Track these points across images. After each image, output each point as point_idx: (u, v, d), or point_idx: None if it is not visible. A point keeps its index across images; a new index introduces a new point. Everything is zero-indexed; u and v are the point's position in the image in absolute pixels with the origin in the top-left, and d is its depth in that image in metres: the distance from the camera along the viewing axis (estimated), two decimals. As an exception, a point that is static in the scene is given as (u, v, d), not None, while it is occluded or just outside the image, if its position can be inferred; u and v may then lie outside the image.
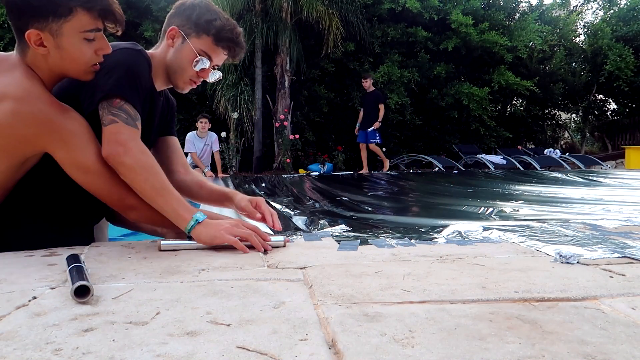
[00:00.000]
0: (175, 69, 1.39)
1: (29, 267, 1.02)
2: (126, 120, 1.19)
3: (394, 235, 1.68)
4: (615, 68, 11.52)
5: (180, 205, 1.23)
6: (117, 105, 1.20)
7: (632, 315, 0.74)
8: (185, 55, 1.37)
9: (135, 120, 1.22)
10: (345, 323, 0.69)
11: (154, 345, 0.61)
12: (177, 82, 1.42)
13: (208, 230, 1.21)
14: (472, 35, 10.44)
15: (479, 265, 1.06)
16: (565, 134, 15.38)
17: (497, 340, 0.63)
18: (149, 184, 1.20)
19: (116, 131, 1.17)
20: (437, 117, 11.66)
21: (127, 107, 1.21)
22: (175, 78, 1.41)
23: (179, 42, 1.37)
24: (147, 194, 1.21)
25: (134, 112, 1.22)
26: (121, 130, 1.18)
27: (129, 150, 1.17)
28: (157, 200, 1.22)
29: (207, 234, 1.21)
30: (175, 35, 1.37)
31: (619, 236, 1.48)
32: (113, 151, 1.17)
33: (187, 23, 1.37)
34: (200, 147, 7.05)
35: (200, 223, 1.21)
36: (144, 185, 1.20)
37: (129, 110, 1.21)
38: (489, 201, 3.90)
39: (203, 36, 1.36)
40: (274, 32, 9.53)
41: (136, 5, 9.44)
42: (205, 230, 1.21)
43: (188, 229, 1.21)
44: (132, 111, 1.21)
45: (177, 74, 1.40)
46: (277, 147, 9.73)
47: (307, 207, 4.13)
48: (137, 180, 1.20)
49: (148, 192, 1.21)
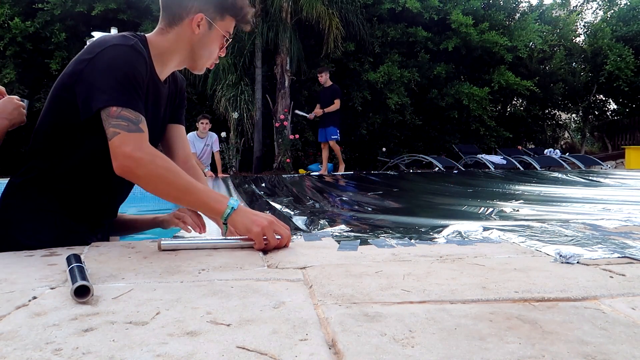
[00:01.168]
0: (202, 54, 1.37)
1: (29, 267, 1.02)
2: (128, 128, 1.14)
3: (394, 235, 1.68)
4: (615, 68, 11.52)
5: (210, 198, 1.22)
6: (115, 114, 1.15)
7: (632, 315, 0.74)
8: (213, 40, 1.35)
9: (138, 123, 1.17)
10: (345, 323, 0.69)
11: (154, 345, 0.61)
12: (201, 65, 1.40)
13: (243, 220, 1.20)
14: (472, 35, 10.45)
15: (479, 265, 1.06)
16: (565, 134, 15.39)
17: (497, 340, 0.63)
18: (172, 188, 1.18)
19: (120, 143, 1.13)
20: (437, 117, 11.66)
21: (125, 112, 1.15)
22: (201, 62, 1.39)
23: (205, 28, 1.33)
24: (173, 198, 1.20)
25: (135, 114, 1.17)
26: (125, 141, 1.13)
27: (139, 161, 1.14)
28: (186, 200, 1.22)
29: (242, 223, 1.20)
30: (200, 23, 1.32)
31: (619, 236, 1.48)
32: (124, 167, 1.14)
33: (210, 7, 1.32)
34: (201, 147, 7.06)
35: (235, 210, 1.20)
36: (168, 191, 1.19)
37: (129, 116, 1.16)
38: (489, 201, 3.90)
39: (227, 18, 1.35)
40: (274, 32, 9.54)
41: (136, 5, 9.46)
42: (240, 219, 1.20)
43: (225, 217, 1.20)
44: (132, 115, 1.16)
45: (204, 58, 1.38)
46: (277, 147, 9.74)
47: (307, 207, 4.13)
48: (160, 189, 1.18)
49: (174, 195, 1.20)
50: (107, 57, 1.19)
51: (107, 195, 1.41)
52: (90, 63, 1.19)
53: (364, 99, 10.53)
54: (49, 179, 1.29)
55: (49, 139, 1.29)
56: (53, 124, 1.28)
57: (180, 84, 1.53)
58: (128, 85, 1.18)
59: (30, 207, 1.28)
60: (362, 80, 10.57)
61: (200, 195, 1.21)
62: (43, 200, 1.29)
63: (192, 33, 1.32)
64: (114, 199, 1.46)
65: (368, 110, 10.82)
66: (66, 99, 1.24)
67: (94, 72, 1.18)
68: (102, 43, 1.23)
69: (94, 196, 1.36)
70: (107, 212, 1.47)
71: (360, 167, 11.24)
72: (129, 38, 1.25)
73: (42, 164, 1.29)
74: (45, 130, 1.29)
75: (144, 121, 1.19)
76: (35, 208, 1.29)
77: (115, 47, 1.21)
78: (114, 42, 1.22)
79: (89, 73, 1.19)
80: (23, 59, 9.25)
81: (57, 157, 1.28)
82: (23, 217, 1.28)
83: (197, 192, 1.20)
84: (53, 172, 1.29)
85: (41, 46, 9.34)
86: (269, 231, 1.20)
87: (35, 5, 9.11)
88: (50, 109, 1.29)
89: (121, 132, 1.14)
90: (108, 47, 1.20)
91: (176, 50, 1.35)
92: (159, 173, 1.16)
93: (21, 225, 1.28)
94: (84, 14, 9.31)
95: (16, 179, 1.31)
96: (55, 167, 1.29)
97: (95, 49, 1.22)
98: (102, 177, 1.32)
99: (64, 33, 9.24)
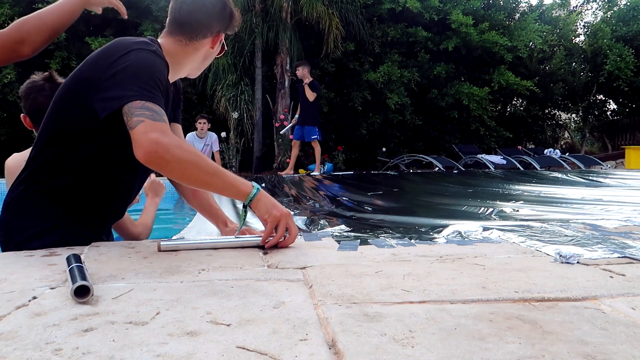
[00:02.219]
0: (206, 64, 1.46)
1: (29, 267, 1.02)
2: (153, 117, 1.12)
3: (394, 235, 1.68)
4: (615, 68, 11.51)
5: (237, 181, 1.23)
6: (139, 105, 1.13)
7: (632, 315, 0.74)
8: (216, 50, 1.44)
9: (163, 115, 1.16)
10: (345, 323, 0.69)
11: (154, 345, 0.61)
12: (199, 72, 1.48)
13: (267, 202, 1.24)
14: (472, 35, 10.44)
15: (479, 265, 1.06)
16: (565, 134, 15.38)
17: (497, 340, 0.63)
18: (202, 171, 1.18)
19: (145, 130, 1.10)
20: (437, 117, 11.66)
21: (149, 104, 1.14)
22: (200, 69, 1.47)
23: (218, 45, 1.44)
24: (202, 182, 1.21)
25: (159, 108, 1.15)
26: (151, 127, 1.10)
27: (167, 146, 1.11)
28: (214, 184, 1.21)
29: (264, 204, 1.23)
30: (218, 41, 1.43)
31: (619, 236, 1.48)
32: (152, 152, 1.10)
33: (224, 26, 1.42)
34: (200, 147, 7.05)
35: (260, 191, 1.23)
36: (197, 175, 1.18)
37: (153, 107, 1.14)
38: (489, 201, 3.90)
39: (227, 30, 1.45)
40: (274, 32, 9.53)
41: (136, 5, 9.44)
42: (264, 200, 1.24)
43: (251, 198, 1.22)
44: (157, 108, 1.14)
45: (204, 65, 1.47)
46: (277, 147, 9.73)
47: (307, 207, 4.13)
48: (189, 173, 1.17)
49: (203, 179, 1.19)
50: (133, 60, 1.18)
51: (113, 198, 1.40)
52: (114, 65, 1.18)
53: (364, 99, 10.52)
54: (53, 185, 1.27)
55: (53, 144, 1.27)
56: (59, 129, 1.27)
57: (178, 83, 1.54)
58: (155, 86, 1.18)
59: (34, 213, 1.27)
60: (362, 80, 10.56)
61: (229, 178, 1.22)
62: (46, 206, 1.27)
63: (210, 49, 1.42)
64: (121, 202, 1.45)
65: (368, 110, 10.81)
66: (76, 104, 1.23)
67: (121, 74, 1.16)
68: (123, 46, 1.22)
69: (99, 200, 1.35)
70: (113, 214, 1.47)
71: (360, 167, 11.23)
72: (150, 44, 1.27)
73: (44, 170, 1.27)
74: (50, 137, 1.27)
75: (166, 116, 1.18)
76: (39, 213, 1.27)
77: (140, 52, 1.21)
78: (138, 47, 1.22)
79: (114, 76, 1.17)
80: (23, 59, 9.26)
81: (60, 162, 1.27)
82: (27, 224, 1.27)
83: (225, 175, 1.22)
84: (57, 178, 1.27)
85: (41, 46, 9.34)
86: (285, 221, 1.23)
87: (35, 5, 9.10)
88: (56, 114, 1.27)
89: (145, 120, 1.11)
90: (133, 52, 1.20)
91: (191, 62, 1.42)
92: (189, 157, 1.15)
93: (25, 231, 1.26)
94: (84, 14, 9.23)
95: (18, 185, 1.29)
96: (59, 173, 1.27)
97: (116, 52, 1.21)
98: (107, 180, 1.32)
99: (64, 33, 9.24)
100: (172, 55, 1.34)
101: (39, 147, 1.29)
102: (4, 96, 8.92)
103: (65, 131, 1.26)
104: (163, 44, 1.35)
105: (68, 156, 1.26)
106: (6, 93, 8.89)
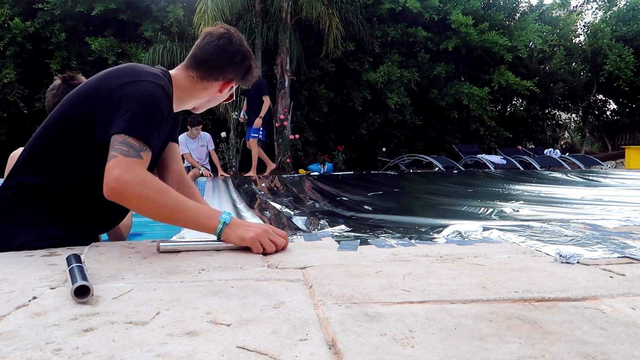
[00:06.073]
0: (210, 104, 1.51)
1: (29, 267, 1.02)
2: (126, 153, 1.14)
3: (394, 235, 1.68)
4: (615, 68, 11.51)
5: (201, 215, 1.21)
6: (121, 139, 1.16)
7: (632, 315, 0.74)
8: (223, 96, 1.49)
9: (140, 151, 1.17)
10: (345, 323, 0.69)
11: (154, 345, 0.61)
12: (203, 110, 1.54)
13: (236, 231, 1.21)
14: (472, 35, 10.44)
15: (479, 265, 1.06)
16: (565, 134, 15.38)
17: (497, 340, 0.63)
18: (161, 208, 1.18)
19: (112, 166, 1.13)
20: (437, 117, 11.66)
21: (131, 140, 1.16)
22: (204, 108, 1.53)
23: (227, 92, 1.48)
24: (165, 217, 1.20)
25: (140, 144, 1.17)
26: (118, 164, 1.13)
27: (127, 183, 1.13)
28: (176, 219, 1.21)
29: (235, 235, 1.20)
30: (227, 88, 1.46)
31: (619, 236, 1.48)
32: (111, 188, 1.13)
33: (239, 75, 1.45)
34: (194, 147, 7.03)
35: (227, 225, 1.20)
36: (158, 211, 1.18)
37: (133, 143, 1.16)
38: (489, 201, 3.91)
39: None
40: (274, 32, 9.52)
41: (136, 5, 9.45)
42: (233, 232, 1.20)
43: (217, 233, 1.21)
44: (136, 143, 1.17)
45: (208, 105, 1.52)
46: (277, 147, 9.72)
47: (307, 207, 4.13)
48: (149, 210, 1.18)
49: (165, 215, 1.19)
50: (138, 91, 1.22)
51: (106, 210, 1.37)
52: (120, 89, 1.22)
53: (363, 99, 10.52)
54: (45, 193, 1.27)
55: (49, 153, 1.27)
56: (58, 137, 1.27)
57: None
58: (149, 121, 1.21)
59: (26, 219, 1.26)
60: (362, 80, 10.56)
61: (190, 212, 1.21)
62: (39, 213, 1.27)
63: (217, 93, 1.46)
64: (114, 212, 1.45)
65: (368, 110, 10.80)
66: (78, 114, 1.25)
67: (122, 100, 1.20)
68: (135, 74, 1.26)
69: (92, 210, 1.35)
70: (107, 223, 1.48)
71: (360, 167, 11.24)
72: (161, 77, 1.31)
73: (36, 179, 1.27)
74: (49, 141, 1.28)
75: (148, 151, 1.20)
76: (31, 220, 1.26)
77: (149, 85, 1.25)
78: (147, 78, 1.26)
79: (117, 100, 1.21)
80: (23, 59, 9.24)
81: (54, 172, 1.27)
82: (19, 231, 1.25)
83: (187, 210, 1.20)
84: (50, 186, 1.27)
85: (41, 46, 9.32)
86: (264, 238, 1.19)
87: (35, 5, 9.10)
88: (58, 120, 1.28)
89: (118, 156, 1.14)
90: (141, 82, 1.24)
91: (198, 98, 1.46)
92: (148, 194, 1.16)
93: (17, 238, 1.24)
94: (84, 14, 9.29)
95: (7, 191, 1.28)
96: (53, 182, 1.27)
97: (126, 76, 1.25)
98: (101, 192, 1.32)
99: (64, 33, 9.22)
100: (181, 88, 1.39)
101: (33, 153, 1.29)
102: (4, 96, 8.91)
103: (64, 138, 1.27)
104: (175, 76, 1.39)
105: (63, 167, 1.27)
106: (6, 93, 8.88)
